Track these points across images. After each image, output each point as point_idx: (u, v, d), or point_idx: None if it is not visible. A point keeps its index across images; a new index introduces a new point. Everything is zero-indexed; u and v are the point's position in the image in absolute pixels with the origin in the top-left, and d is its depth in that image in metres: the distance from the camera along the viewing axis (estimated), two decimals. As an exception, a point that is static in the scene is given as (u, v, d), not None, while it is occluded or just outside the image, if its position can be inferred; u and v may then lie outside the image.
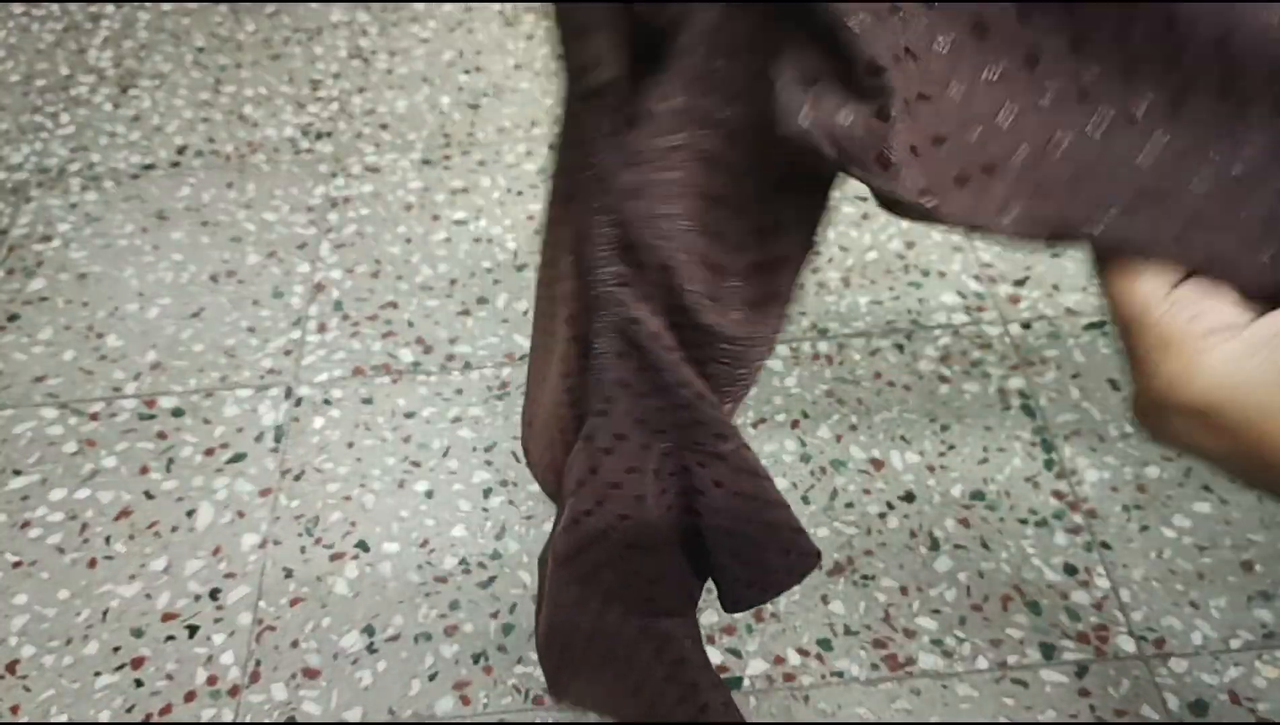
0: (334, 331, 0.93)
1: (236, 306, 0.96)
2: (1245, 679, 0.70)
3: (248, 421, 0.87)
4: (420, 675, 0.72)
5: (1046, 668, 0.71)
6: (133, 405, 0.88)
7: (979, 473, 0.81)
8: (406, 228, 1.03)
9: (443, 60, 1.22)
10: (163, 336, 0.93)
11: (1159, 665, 0.70)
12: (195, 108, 1.17)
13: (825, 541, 0.78)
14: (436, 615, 0.75)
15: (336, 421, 0.87)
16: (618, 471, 0.40)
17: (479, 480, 0.82)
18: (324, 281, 0.98)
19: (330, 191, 1.07)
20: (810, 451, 0.83)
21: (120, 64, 1.23)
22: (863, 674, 0.71)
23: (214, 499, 0.82)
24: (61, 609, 0.76)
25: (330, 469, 0.83)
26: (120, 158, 1.11)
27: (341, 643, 0.73)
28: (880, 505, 0.80)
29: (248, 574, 0.77)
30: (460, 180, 1.07)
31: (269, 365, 0.91)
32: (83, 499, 0.82)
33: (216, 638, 0.74)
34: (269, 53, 1.24)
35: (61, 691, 0.71)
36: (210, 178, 1.08)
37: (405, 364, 0.91)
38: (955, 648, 0.72)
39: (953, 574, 0.76)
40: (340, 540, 0.79)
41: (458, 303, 0.96)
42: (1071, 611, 0.73)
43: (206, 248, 1.01)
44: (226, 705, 0.70)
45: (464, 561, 0.78)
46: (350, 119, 1.15)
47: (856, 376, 0.89)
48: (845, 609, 0.74)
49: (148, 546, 0.79)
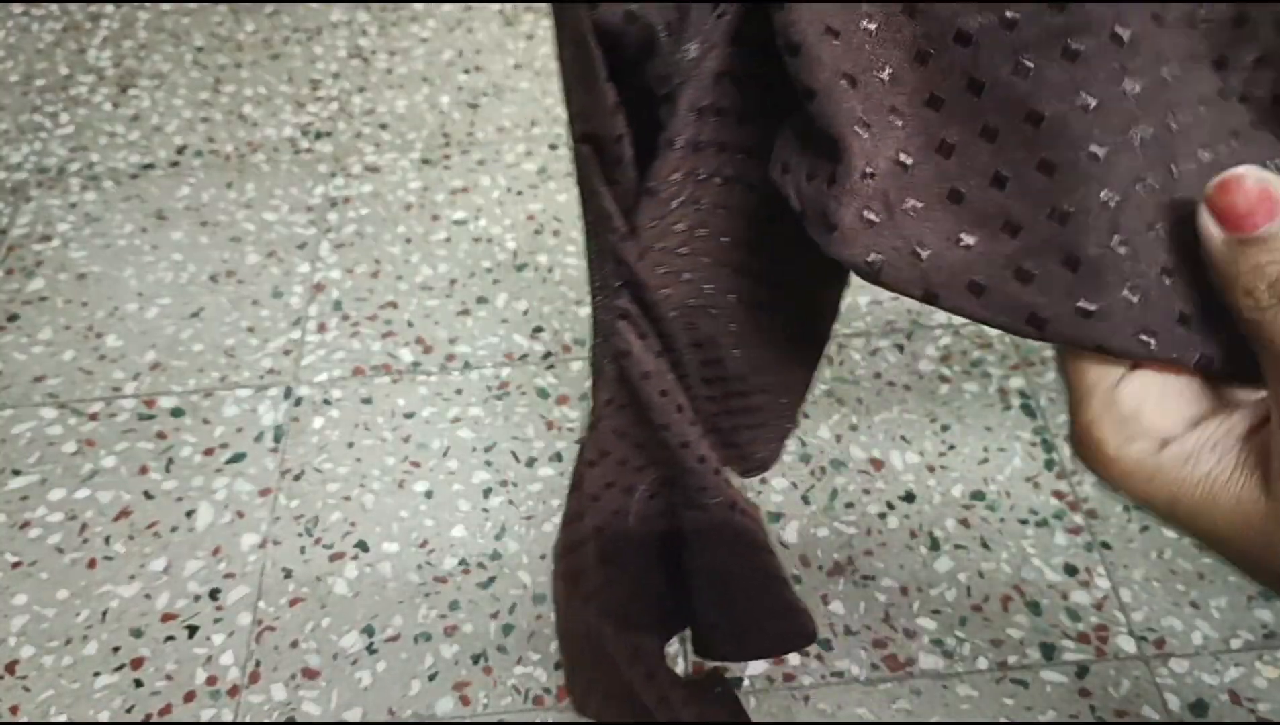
0: (334, 331, 0.93)
1: (236, 306, 0.96)
2: (1246, 679, 0.70)
3: (247, 421, 0.87)
4: (420, 675, 0.72)
5: (1047, 668, 0.71)
6: (132, 405, 0.88)
7: (979, 473, 0.81)
8: (406, 227, 1.03)
9: (442, 60, 1.22)
10: (162, 336, 0.93)
11: (1159, 665, 0.70)
12: (195, 107, 1.17)
13: (825, 541, 0.78)
14: (436, 615, 0.75)
15: (336, 421, 0.87)
16: (597, 485, 0.40)
17: (479, 480, 0.82)
18: (324, 281, 0.98)
19: (330, 191, 1.06)
20: (810, 451, 0.83)
21: (120, 64, 1.23)
22: (863, 674, 0.71)
23: (213, 499, 0.82)
24: (61, 609, 0.75)
25: (330, 469, 0.83)
26: (120, 157, 1.11)
27: (341, 643, 0.73)
28: (880, 505, 0.80)
29: (247, 574, 0.77)
30: (460, 180, 1.07)
31: (269, 365, 0.91)
32: (82, 499, 0.82)
33: (216, 638, 0.74)
34: (269, 52, 1.24)
35: (61, 692, 0.71)
36: (210, 177, 1.08)
37: (405, 364, 0.91)
38: (955, 648, 0.72)
39: (953, 574, 0.76)
40: (340, 540, 0.79)
41: (457, 303, 0.96)
42: (1072, 612, 0.73)
43: (206, 248, 1.01)
44: (226, 705, 0.70)
45: (464, 562, 0.77)
46: (350, 119, 1.15)
47: (856, 376, 0.88)
48: (845, 609, 0.74)
49: (147, 547, 0.79)
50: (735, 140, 0.31)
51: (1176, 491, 0.25)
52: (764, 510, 0.79)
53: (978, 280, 0.26)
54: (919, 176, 0.27)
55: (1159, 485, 0.26)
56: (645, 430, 0.38)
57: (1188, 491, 0.25)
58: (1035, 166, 0.25)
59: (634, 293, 0.34)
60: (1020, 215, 0.26)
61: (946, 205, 0.26)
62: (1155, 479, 0.26)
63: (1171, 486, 0.25)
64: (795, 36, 0.25)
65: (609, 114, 0.30)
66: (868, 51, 0.26)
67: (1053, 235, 0.25)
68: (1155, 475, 0.26)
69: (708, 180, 0.32)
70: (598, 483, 0.40)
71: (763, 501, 0.80)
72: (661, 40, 0.28)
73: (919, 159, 0.26)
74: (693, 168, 0.31)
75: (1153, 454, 0.26)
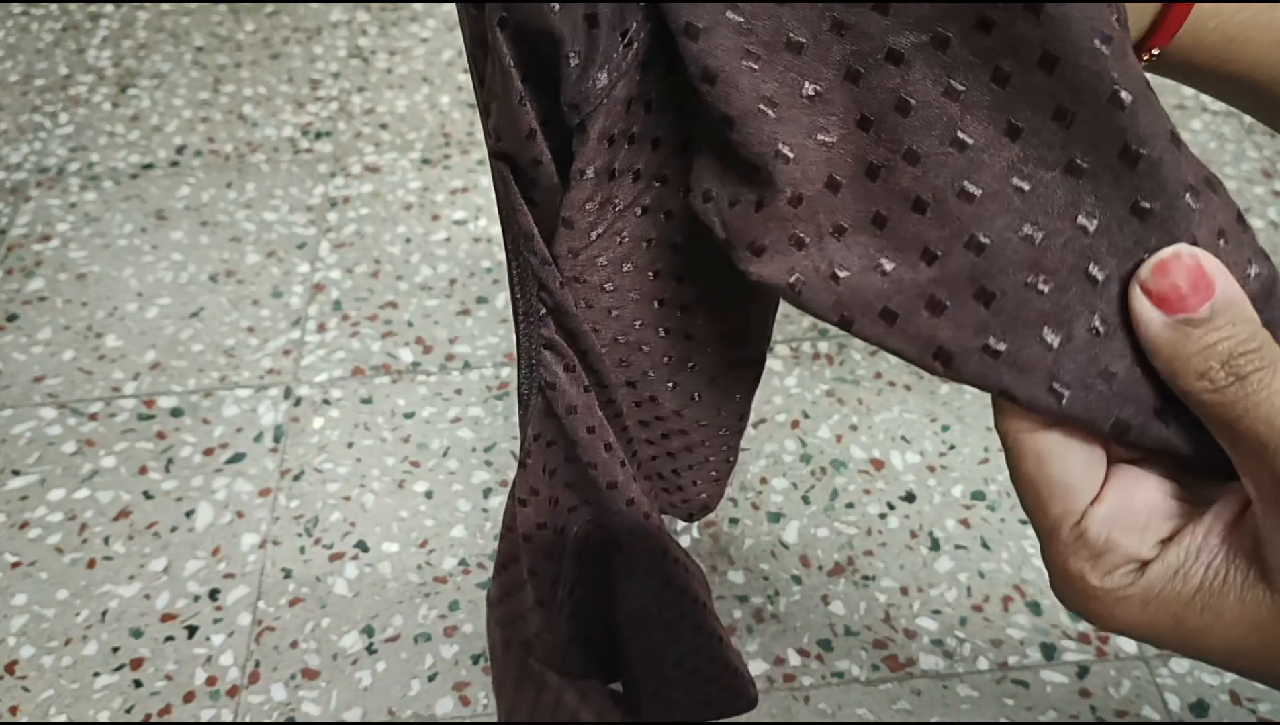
0: (333, 331, 0.93)
1: (236, 306, 0.96)
2: (1246, 679, 0.70)
3: (247, 421, 0.87)
4: (420, 676, 0.72)
5: (1047, 668, 0.71)
6: (132, 405, 0.88)
7: (980, 473, 0.81)
8: (406, 227, 1.03)
9: (442, 60, 1.22)
10: (162, 336, 0.93)
11: (1160, 665, 0.70)
12: (194, 107, 1.17)
13: (825, 541, 0.78)
14: (436, 616, 0.74)
15: (336, 421, 0.86)
16: (529, 525, 0.39)
17: (479, 480, 0.82)
18: (323, 281, 0.98)
19: (330, 191, 1.06)
20: (810, 451, 0.83)
21: (119, 63, 1.23)
22: (863, 674, 0.71)
23: (213, 499, 0.81)
24: (61, 609, 0.75)
25: (330, 469, 0.83)
26: (119, 157, 1.11)
27: (341, 643, 0.73)
28: (881, 505, 0.80)
29: (247, 574, 0.77)
30: (460, 180, 1.07)
31: (268, 365, 0.91)
32: (82, 499, 0.82)
33: (216, 638, 0.74)
34: (268, 52, 1.24)
35: (61, 692, 0.71)
36: (209, 177, 1.08)
37: (405, 364, 0.91)
38: (956, 648, 0.72)
39: (953, 574, 0.76)
40: (340, 540, 0.79)
41: (457, 302, 0.96)
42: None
43: (206, 248, 1.01)
44: (226, 706, 0.70)
45: (464, 562, 0.77)
46: (350, 119, 1.15)
47: (856, 376, 0.88)
48: (846, 609, 0.74)
49: (147, 547, 0.79)
50: (651, 168, 0.30)
51: (1177, 611, 0.24)
52: (764, 510, 0.80)
53: (890, 307, 0.25)
54: (846, 199, 0.26)
55: (1156, 609, 0.24)
56: (575, 468, 0.36)
57: (1187, 608, 0.24)
58: (956, 194, 0.24)
59: (559, 320, 0.32)
60: (937, 243, 0.24)
61: (871, 229, 0.25)
62: (1151, 604, 0.24)
63: (1171, 606, 0.24)
64: (711, 65, 0.24)
65: (524, 137, 0.29)
66: (792, 74, 0.25)
67: (967, 266, 0.24)
68: (1150, 599, 0.24)
69: (626, 211, 0.31)
70: (529, 523, 0.38)
71: (763, 501, 0.80)
72: (572, 67, 0.27)
73: (847, 182, 0.26)
74: (609, 197, 0.30)
75: (1138, 579, 0.24)
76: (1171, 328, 0.22)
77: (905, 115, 0.24)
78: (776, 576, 0.76)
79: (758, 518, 0.79)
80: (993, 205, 0.24)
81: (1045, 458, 0.25)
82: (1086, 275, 0.24)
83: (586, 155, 0.28)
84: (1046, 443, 0.25)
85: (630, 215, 0.31)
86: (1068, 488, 0.25)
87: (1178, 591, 0.24)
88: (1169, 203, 0.23)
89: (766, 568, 0.76)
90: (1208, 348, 0.22)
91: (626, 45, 0.27)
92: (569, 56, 0.27)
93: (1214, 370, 0.22)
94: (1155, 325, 0.22)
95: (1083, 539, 0.24)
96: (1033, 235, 0.24)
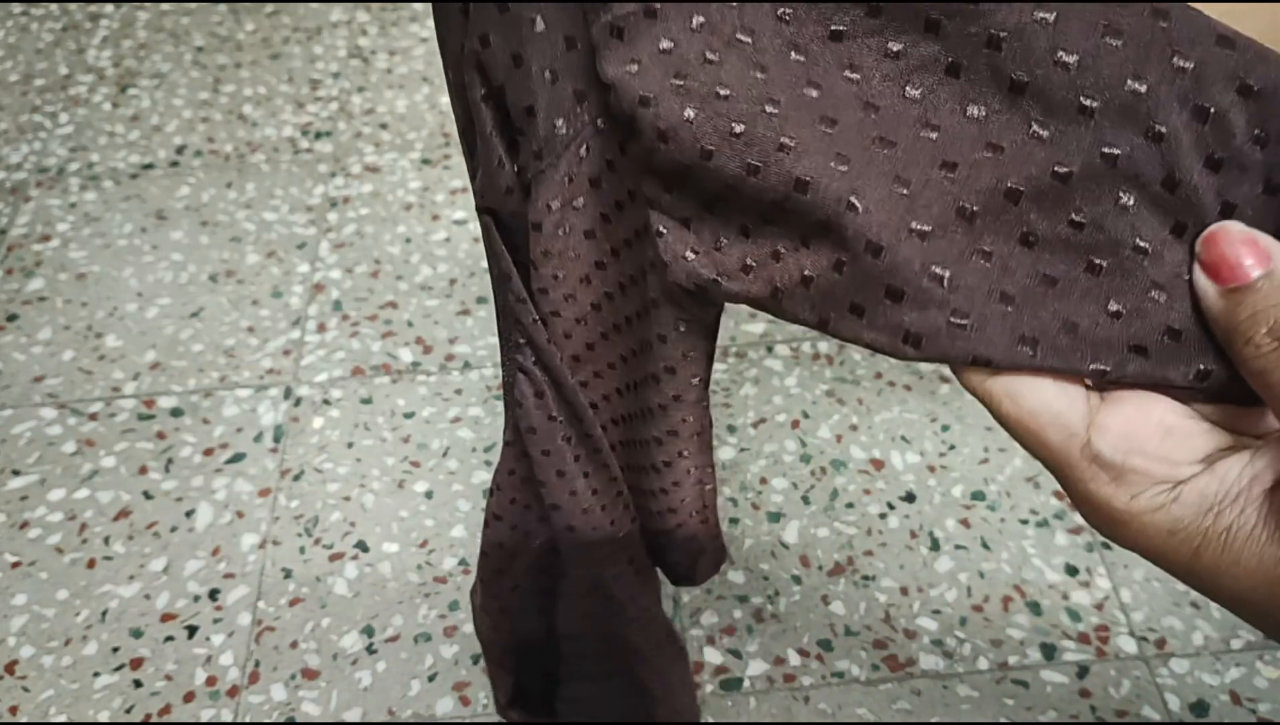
0: (333, 331, 0.93)
1: (236, 306, 0.96)
2: (1246, 679, 0.70)
3: (247, 421, 0.87)
4: (420, 676, 0.72)
5: (1047, 668, 0.71)
6: (132, 405, 0.88)
7: (979, 473, 0.81)
8: (406, 227, 1.02)
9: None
10: (162, 336, 0.93)
11: (1160, 665, 0.70)
12: (194, 107, 1.17)
13: (825, 541, 0.78)
14: (436, 616, 0.74)
15: (336, 421, 0.86)
16: (504, 531, 0.42)
17: (479, 480, 0.82)
18: (323, 281, 0.98)
19: (330, 191, 1.06)
20: (810, 451, 0.83)
21: (119, 63, 1.23)
22: (863, 674, 0.71)
23: (213, 499, 0.81)
24: (60, 609, 0.75)
25: (330, 469, 0.83)
26: (119, 157, 1.11)
27: (341, 643, 0.73)
28: (881, 505, 0.80)
29: (247, 574, 0.77)
30: (460, 180, 1.07)
31: (268, 365, 0.91)
32: (82, 499, 0.82)
33: (216, 638, 0.74)
34: (268, 52, 1.24)
35: (60, 692, 0.71)
36: (209, 177, 1.08)
37: (405, 364, 0.91)
38: (956, 648, 0.72)
39: (953, 574, 0.76)
40: (340, 540, 0.79)
41: (457, 302, 0.96)
42: (1072, 612, 0.73)
43: (206, 248, 1.01)
44: (226, 706, 0.70)
45: (464, 562, 0.77)
46: (350, 119, 1.14)
47: (856, 376, 0.88)
48: (845, 609, 0.74)
49: (147, 547, 0.79)
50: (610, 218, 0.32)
51: (1199, 545, 0.24)
52: (764, 510, 0.80)
53: (856, 301, 0.26)
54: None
55: (1181, 540, 0.24)
56: (533, 491, 0.40)
57: (1209, 545, 0.24)
58: (893, 181, 0.25)
59: (534, 352, 0.35)
60: (880, 236, 0.26)
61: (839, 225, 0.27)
62: (1176, 534, 0.25)
63: (1194, 539, 0.24)
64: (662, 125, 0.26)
65: (503, 194, 0.32)
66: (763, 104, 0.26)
67: (914, 253, 0.25)
68: (1175, 529, 0.25)
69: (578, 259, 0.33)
70: (504, 531, 0.42)
71: (763, 501, 0.80)
72: (537, 119, 0.29)
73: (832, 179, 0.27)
74: (563, 249, 0.32)
75: (1167, 502, 0.25)
76: (1224, 296, 0.24)
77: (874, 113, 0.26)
78: (776, 576, 0.76)
79: (758, 518, 0.79)
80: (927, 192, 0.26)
81: (1017, 393, 0.26)
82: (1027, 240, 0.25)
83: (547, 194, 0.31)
84: (1015, 382, 0.26)
85: (587, 264, 0.33)
86: (1054, 413, 0.26)
87: (1206, 527, 0.24)
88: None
89: (766, 568, 0.76)
90: (1255, 315, 0.23)
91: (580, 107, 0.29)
92: (524, 110, 0.30)
93: (1259, 336, 0.23)
94: (1210, 296, 0.24)
95: (1099, 461, 0.25)
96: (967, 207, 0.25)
